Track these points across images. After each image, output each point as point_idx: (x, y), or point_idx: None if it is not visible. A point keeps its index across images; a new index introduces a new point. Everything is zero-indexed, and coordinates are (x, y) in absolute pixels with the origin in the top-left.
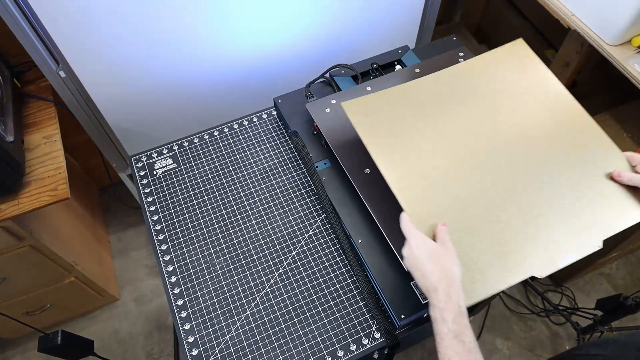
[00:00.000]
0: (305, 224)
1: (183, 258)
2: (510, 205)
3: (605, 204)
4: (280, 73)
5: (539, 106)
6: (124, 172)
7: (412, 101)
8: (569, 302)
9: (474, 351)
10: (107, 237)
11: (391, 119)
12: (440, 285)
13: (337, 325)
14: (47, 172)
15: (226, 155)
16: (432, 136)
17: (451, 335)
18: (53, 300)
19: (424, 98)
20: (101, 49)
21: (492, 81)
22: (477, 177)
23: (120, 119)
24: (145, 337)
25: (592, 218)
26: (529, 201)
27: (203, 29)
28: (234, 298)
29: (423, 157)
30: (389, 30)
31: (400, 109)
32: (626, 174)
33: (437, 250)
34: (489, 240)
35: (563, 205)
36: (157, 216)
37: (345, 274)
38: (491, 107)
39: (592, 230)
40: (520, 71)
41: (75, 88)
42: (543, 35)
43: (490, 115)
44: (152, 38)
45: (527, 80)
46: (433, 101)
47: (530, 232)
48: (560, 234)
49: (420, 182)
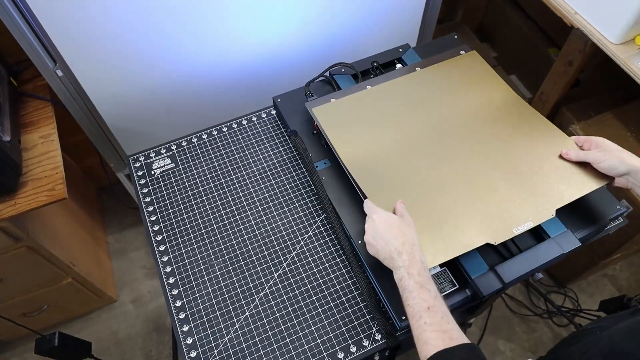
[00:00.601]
0: (305, 225)
1: (181, 259)
2: (465, 185)
3: (556, 178)
4: (279, 72)
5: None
6: (122, 172)
7: (373, 104)
8: (572, 303)
9: (438, 297)
10: (105, 237)
11: (355, 121)
12: (403, 248)
13: (337, 327)
14: (44, 172)
15: (225, 155)
16: (390, 132)
17: (417, 286)
18: (50, 301)
19: (383, 101)
20: (99, 47)
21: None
22: (433, 163)
23: (118, 118)
24: (143, 338)
25: (545, 191)
26: (484, 180)
27: (201, 28)
28: (233, 299)
29: (382, 150)
30: (390, 28)
31: (362, 112)
32: (574, 152)
33: (397, 220)
34: (444, 214)
35: (516, 182)
36: (155, 217)
37: (345, 275)
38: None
39: (545, 201)
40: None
41: (72, 87)
42: (546, 34)
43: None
44: (150, 37)
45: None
46: (391, 104)
47: (484, 206)
48: (514, 206)
49: (380, 171)
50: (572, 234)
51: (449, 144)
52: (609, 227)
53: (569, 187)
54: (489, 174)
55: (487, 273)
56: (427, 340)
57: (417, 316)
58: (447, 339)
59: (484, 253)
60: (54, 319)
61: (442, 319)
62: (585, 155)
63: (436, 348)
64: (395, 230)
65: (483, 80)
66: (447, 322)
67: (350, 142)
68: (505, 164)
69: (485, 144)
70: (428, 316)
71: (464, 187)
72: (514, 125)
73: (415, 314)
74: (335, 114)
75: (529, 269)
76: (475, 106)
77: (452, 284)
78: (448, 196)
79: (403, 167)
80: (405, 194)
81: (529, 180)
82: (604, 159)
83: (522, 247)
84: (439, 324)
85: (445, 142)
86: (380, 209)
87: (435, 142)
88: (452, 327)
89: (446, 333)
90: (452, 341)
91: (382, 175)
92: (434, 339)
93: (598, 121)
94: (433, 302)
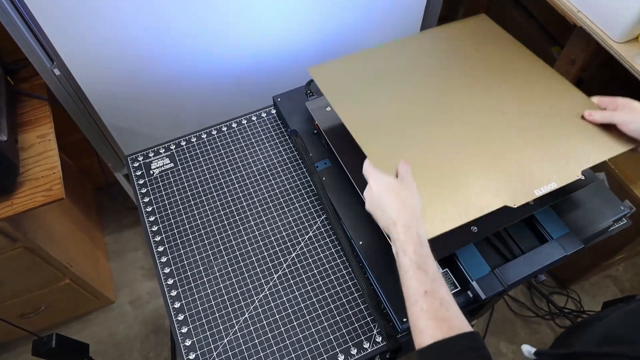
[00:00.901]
0: (305, 225)
1: (180, 260)
2: (479, 144)
3: (579, 139)
4: (280, 70)
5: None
6: (120, 172)
7: (377, 65)
8: (575, 304)
9: (438, 280)
10: (103, 238)
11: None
12: (399, 218)
13: (337, 329)
14: (42, 171)
15: (224, 154)
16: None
17: (414, 266)
18: (48, 302)
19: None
20: (96, 46)
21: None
22: (443, 122)
23: (116, 118)
24: (141, 340)
25: (568, 151)
26: (500, 139)
27: (201, 26)
28: (232, 301)
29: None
30: (391, 26)
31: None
32: (597, 113)
33: (395, 185)
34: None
35: (536, 142)
36: (154, 217)
37: (346, 276)
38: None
39: (569, 161)
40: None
41: (70, 86)
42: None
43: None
44: (149, 36)
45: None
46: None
47: (501, 165)
48: (535, 165)
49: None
50: (575, 235)
51: (461, 101)
52: (613, 228)
53: (595, 148)
54: (505, 132)
55: (488, 275)
56: (423, 328)
57: (413, 300)
58: (446, 328)
59: (486, 254)
60: (52, 321)
61: (441, 305)
62: (612, 116)
63: (433, 338)
64: (390, 198)
65: (495, 39)
66: (446, 308)
67: (351, 102)
68: (524, 122)
69: (500, 102)
70: (424, 301)
71: (478, 145)
72: (530, 84)
73: (411, 298)
74: (335, 74)
75: (531, 271)
76: (488, 64)
77: (453, 285)
78: (460, 155)
79: (409, 126)
80: (412, 155)
81: (550, 139)
82: (633, 120)
83: (525, 249)
84: (436, 311)
85: (457, 100)
86: (379, 172)
87: (445, 100)
88: (452, 315)
89: (445, 322)
90: (451, 330)
91: (385, 133)
92: (431, 327)
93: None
94: (431, 286)
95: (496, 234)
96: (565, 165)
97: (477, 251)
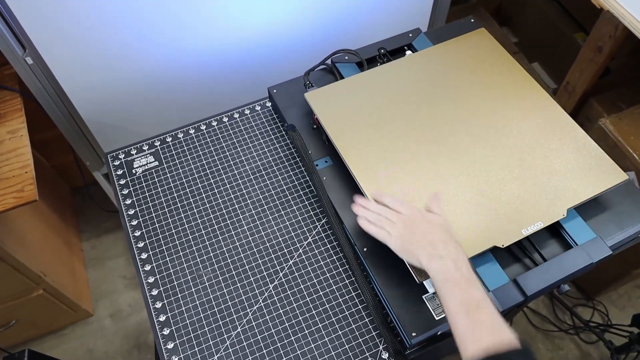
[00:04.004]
0: (303, 230)
1: (166, 268)
2: (472, 182)
3: (569, 175)
4: (275, 59)
5: (499, 88)
6: (99, 171)
7: (373, 89)
8: (602, 318)
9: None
10: (80, 244)
11: (354, 107)
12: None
13: (339, 344)
14: (12, 171)
15: (214, 152)
16: (389, 121)
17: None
18: (19, 315)
19: (385, 85)
20: (73, 32)
21: (452, 65)
22: (434, 156)
23: (94, 111)
24: (123, 357)
25: (556, 189)
26: (491, 176)
27: (187, 10)
28: (223, 313)
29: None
30: (399, 10)
31: (362, 97)
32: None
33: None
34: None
35: (525, 178)
36: (137, 221)
37: (348, 286)
38: (453, 92)
39: (556, 199)
40: (483, 59)
41: (43, 76)
42: (572, 17)
43: (452, 100)
44: (132, 20)
45: (488, 65)
46: (394, 88)
47: (492, 205)
48: (523, 205)
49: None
50: (603, 241)
51: (456, 132)
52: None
53: (583, 184)
54: (497, 169)
55: (507, 285)
56: (474, 339)
57: (463, 312)
58: (498, 340)
59: (504, 262)
60: (24, 335)
61: (493, 317)
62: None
63: (486, 352)
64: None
65: (490, 60)
66: (498, 321)
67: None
68: (514, 157)
69: (492, 134)
70: (477, 313)
71: (470, 182)
72: (524, 111)
73: (461, 310)
74: (330, 98)
75: (553, 280)
76: (482, 89)
77: None
78: (450, 193)
79: (403, 157)
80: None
81: (539, 175)
82: None
83: (547, 256)
84: (489, 323)
85: (448, 130)
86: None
87: (437, 130)
88: (503, 328)
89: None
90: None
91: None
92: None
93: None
94: (483, 298)
95: None
96: (552, 204)
97: (494, 259)
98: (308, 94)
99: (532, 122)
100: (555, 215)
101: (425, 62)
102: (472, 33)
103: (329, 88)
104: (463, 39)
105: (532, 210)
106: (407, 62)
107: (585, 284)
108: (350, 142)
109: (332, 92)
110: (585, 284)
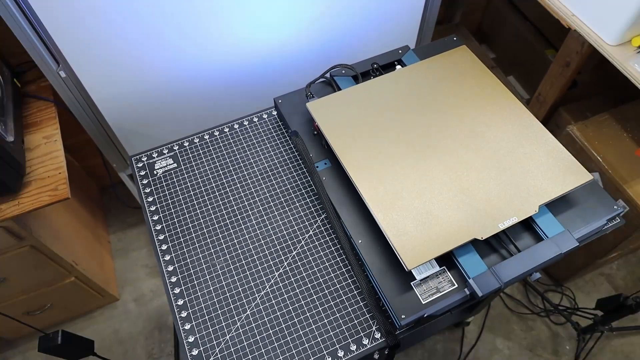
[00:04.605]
0: (305, 224)
1: (183, 258)
2: (455, 182)
3: (541, 175)
4: (280, 73)
5: (478, 100)
6: (125, 172)
7: (367, 99)
8: (569, 302)
9: None
10: (108, 237)
11: (350, 116)
12: None
13: (337, 326)
14: (47, 172)
15: (226, 155)
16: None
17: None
18: (53, 300)
19: (378, 96)
20: (101, 48)
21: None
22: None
23: (120, 119)
24: (145, 337)
25: (529, 188)
26: (472, 175)
27: (204, 29)
28: (234, 298)
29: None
30: (390, 30)
31: (357, 107)
32: None
33: None
34: (430, 210)
35: (503, 177)
36: (158, 216)
37: (345, 274)
38: (438, 102)
39: (529, 196)
40: (464, 73)
41: (75, 88)
42: (543, 36)
43: (437, 109)
44: (153, 38)
45: (468, 79)
46: (386, 99)
47: (472, 202)
48: (500, 201)
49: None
50: (570, 234)
51: (437, 136)
52: (607, 227)
53: (553, 183)
54: (477, 170)
55: (485, 273)
56: None
57: None
58: None
59: (483, 253)
60: (57, 318)
61: None
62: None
63: None
64: None
65: (471, 74)
66: None
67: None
68: (492, 160)
69: (472, 139)
70: None
71: (453, 181)
72: (500, 119)
73: None
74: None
75: (527, 269)
76: (464, 99)
77: (450, 283)
78: (435, 191)
79: (393, 163)
80: (393, 191)
81: (514, 176)
82: None
83: (521, 247)
84: None
85: (434, 136)
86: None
87: (424, 135)
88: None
89: None
90: None
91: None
92: None
93: (595, 122)
94: None
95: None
96: (526, 201)
97: (474, 249)
98: (309, 104)
99: (508, 128)
100: (528, 211)
101: (414, 76)
102: (455, 50)
103: (328, 98)
104: (447, 55)
105: (507, 207)
106: (397, 75)
107: (555, 272)
108: (347, 146)
109: (330, 102)
110: (555, 272)
